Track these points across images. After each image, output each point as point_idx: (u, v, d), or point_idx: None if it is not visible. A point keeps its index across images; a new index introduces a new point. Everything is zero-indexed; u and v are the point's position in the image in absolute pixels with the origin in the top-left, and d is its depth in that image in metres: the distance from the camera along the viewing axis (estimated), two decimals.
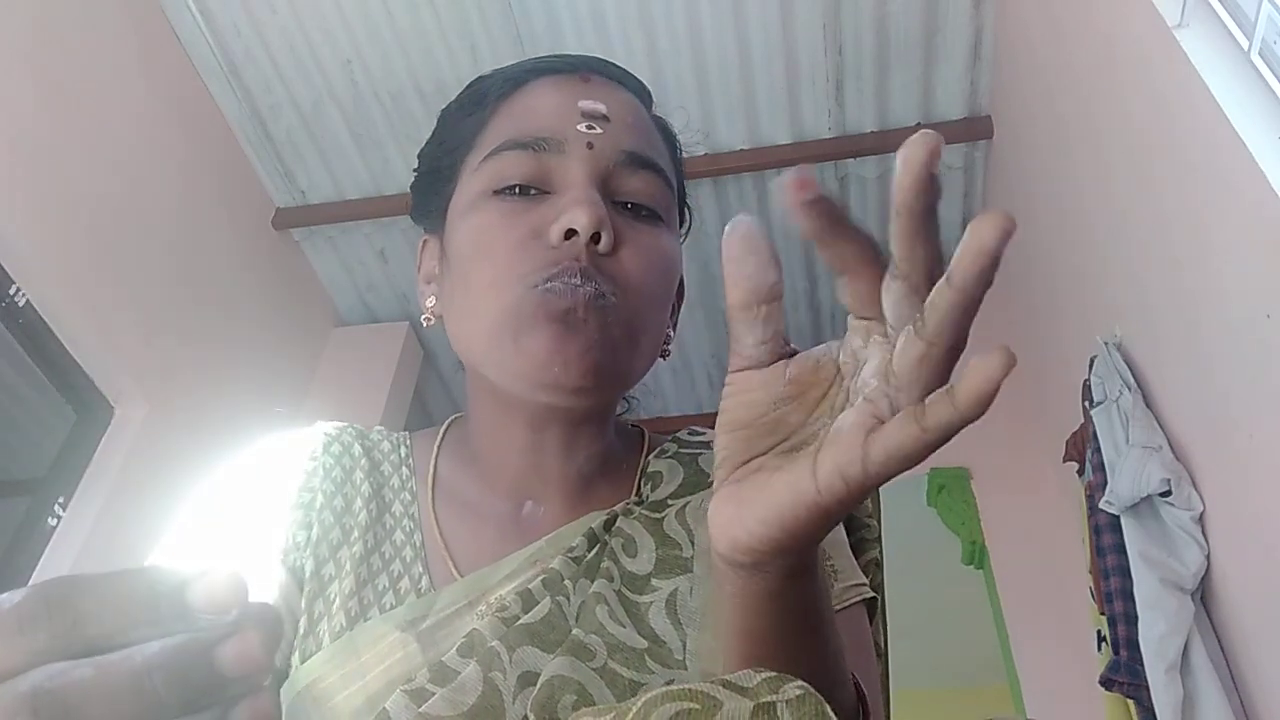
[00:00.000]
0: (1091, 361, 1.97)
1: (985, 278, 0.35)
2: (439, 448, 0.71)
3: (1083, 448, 1.99)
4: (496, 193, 0.61)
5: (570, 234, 0.58)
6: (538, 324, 0.57)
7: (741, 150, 2.75)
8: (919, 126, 2.79)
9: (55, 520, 2.06)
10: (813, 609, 0.45)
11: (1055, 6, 2.06)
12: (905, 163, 0.35)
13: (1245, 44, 1.39)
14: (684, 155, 0.74)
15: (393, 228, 2.95)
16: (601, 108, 0.63)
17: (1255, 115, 1.34)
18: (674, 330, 0.71)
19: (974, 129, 2.68)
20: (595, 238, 0.59)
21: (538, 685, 0.54)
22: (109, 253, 2.24)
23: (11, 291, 2.05)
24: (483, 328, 0.60)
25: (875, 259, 0.38)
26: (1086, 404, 1.98)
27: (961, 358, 0.36)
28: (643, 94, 0.70)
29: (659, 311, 0.64)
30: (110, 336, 2.20)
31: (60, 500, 2.09)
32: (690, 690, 0.38)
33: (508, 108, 0.66)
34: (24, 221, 2.03)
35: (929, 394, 0.35)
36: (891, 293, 0.37)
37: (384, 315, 3.21)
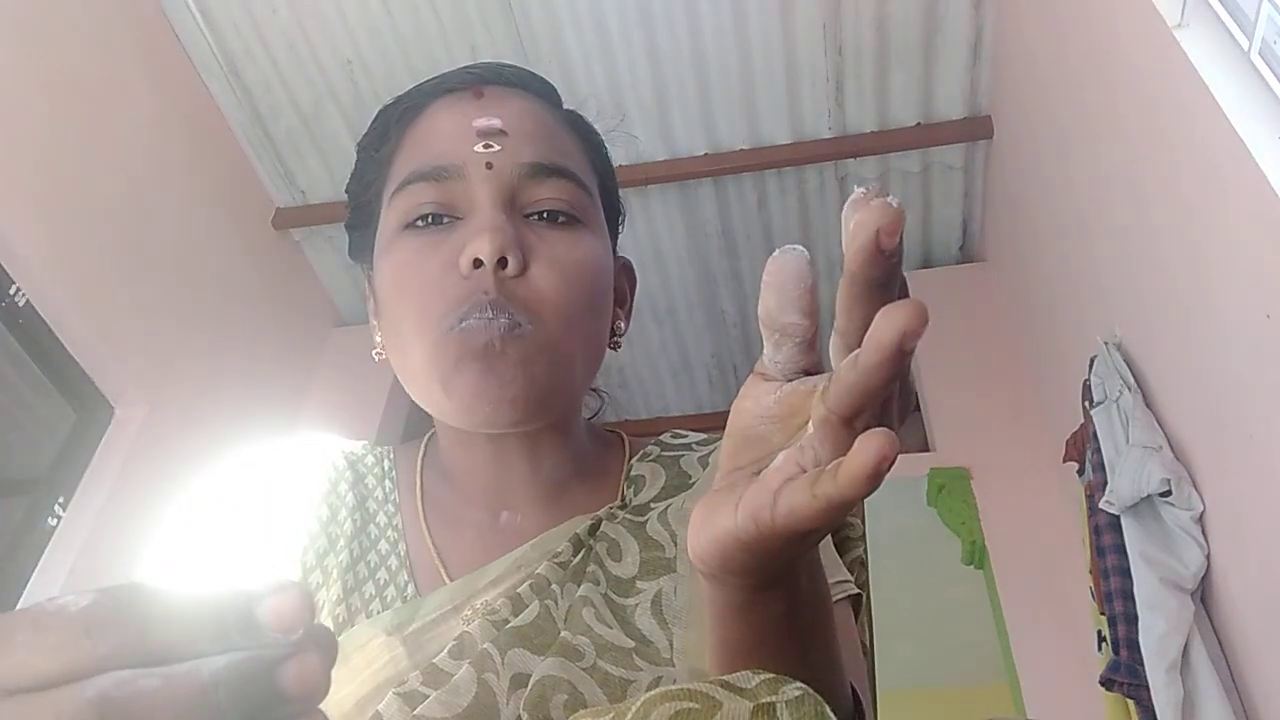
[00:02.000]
0: (1091, 361, 1.97)
1: (886, 370, 0.32)
2: (422, 460, 0.71)
3: (1083, 448, 1.99)
4: (408, 227, 0.62)
5: (478, 263, 0.58)
6: (461, 366, 0.58)
7: (741, 150, 2.76)
8: (919, 126, 2.83)
9: (55, 520, 2.06)
10: (789, 623, 0.44)
11: (1055, 6, 2.06)
12: (858, 227, 0.33)
13: (1245, 44, 1.39)
14: (608, 145, 0.73)
15: None
16: (496, 123, 0.62)
17: (1255, 115, 1.34)
18: (626, 322, 0.71)
19: (974, 129, 2.68)
20: (503, 262, 0.59)
21: (529, 686, 0.55)
22: (109, 253, 2.25)
23: (11, 291, 2.05)
24: (415, 372, 0.61)
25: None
26: (1086, 404, 1.98)
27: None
28: (546, 93, 0.69)
29: (588, 318, 0.63)
30: (110, 336, 2.20)
31: (60, 500, 2.09)
32: (689, 690, 0.38)
33: (410, 137, 0.66)
34: (24, 221, 2.03)
35: (839, 455, 0.34)
36: (834, 345, 0.37)
37: None
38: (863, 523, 0.70)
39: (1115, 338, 1.91)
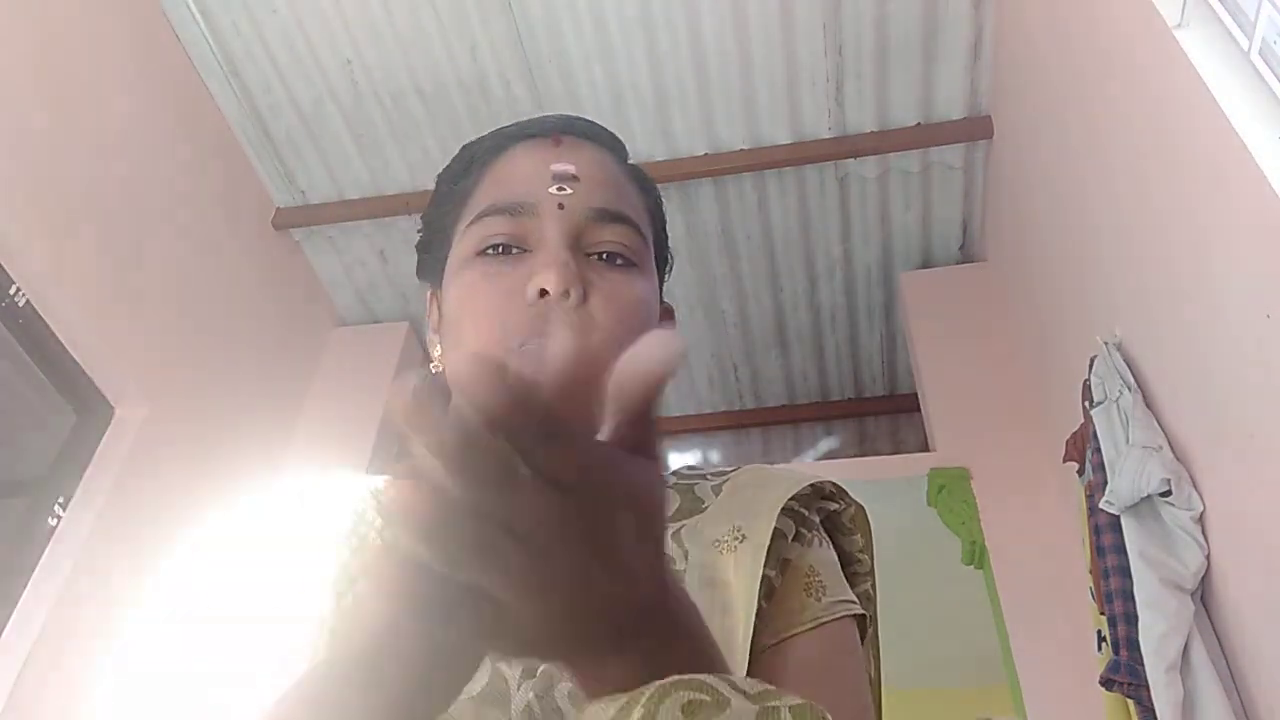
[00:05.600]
0: (1091, 361, 1.97)
1: None
2: None
3: (1083, 448, 1.99)
4: (481, 253, 0.68)
5: (544, 293, 0.64)
6: None
7: (741, 150, 2.76)
8: (919, 126, 2.83)
9: (55, 520, 2.06)
10: None
11: (1055, 6, 2.06)
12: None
13: (1245, 44, 1.39)
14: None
15: (393, 228, 2.95)
16: (571, 169, 0.68)
17: (1255, 115, 1.34)
18: None
19: (974, 129, 2.68)
20: (565, 294, 0.65)
21: (537, 675, 0.60)
22: (109, 253, 2.25)
23: (11, 291, 2.05)
24: None
25: None
26: (1086, 404, 1.98)
27: None
28: (615, 148, 0.76)
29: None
30: (110, 336, 2.20)
31: (60, 500, 2.09)
32: (702, 682, 0.39)
33: (491, 174, 0.72)
34: (24, 221, 2.03)
35: None
36: None
37: (384, 315, 3.21)
38: (871, 559, 0.73)
39: (1115, 338, 1.91)
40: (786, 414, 3.58)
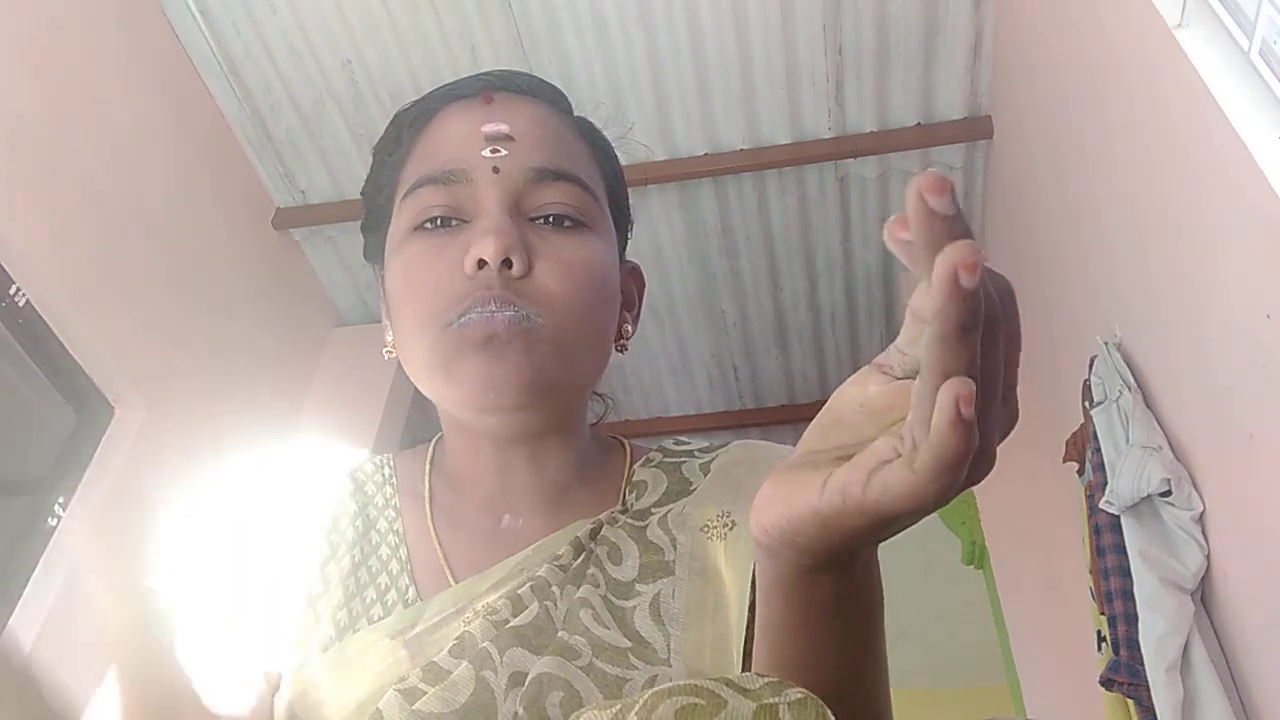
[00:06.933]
0: (1091, 361, 1.97)
1: (955, 313, 0.31)
2: (430, 464, 0.72)
3: (1083, 448, 1.99)
4: (417, 229, 0.63)
5: (482, 263, 0.60)
6: (462, 356, 0.59)
7: (741, 150, 2.75)
8: (919, 126, 2.82)
9: (55, 520, 2.06)
10: (836, 611, 0.45)
11: (1055, 6, 2.06)
12: (940, 265, 0.31)
13: (1245, 44, 1.39)
14: (619, 151, 0.74)
15: None
16: (504, 128, 0.63)
17: (1255, 115, 1.34)
18: (634, 325, 0.72)
19: (974, 129, 2.68)
20: (508, 263, 0.60)
21: (525, 684, 0.56)
22: (109, 252, 2.24)
23: (11, 291, 2.05)
24: (418, 365, 0.63)
25: None
26: (1086, 404, 1.98)
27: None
28: (555, 100, 0.70)
29: (593, 316, 0.64)
30: (110, 336, 2.20)
31: (60, 500, 2.09)
32: (696, 686, 0.38)
33: (421, 142, 0.67)
34: (24, 221, 2.03)
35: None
36: (916, 389, 0.36)
37: None
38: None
39: (1115, 338, 1.91)
40: (787, 414, 3.58)
